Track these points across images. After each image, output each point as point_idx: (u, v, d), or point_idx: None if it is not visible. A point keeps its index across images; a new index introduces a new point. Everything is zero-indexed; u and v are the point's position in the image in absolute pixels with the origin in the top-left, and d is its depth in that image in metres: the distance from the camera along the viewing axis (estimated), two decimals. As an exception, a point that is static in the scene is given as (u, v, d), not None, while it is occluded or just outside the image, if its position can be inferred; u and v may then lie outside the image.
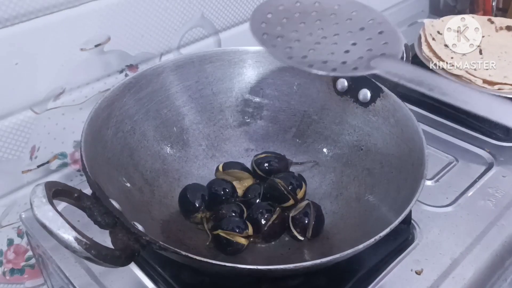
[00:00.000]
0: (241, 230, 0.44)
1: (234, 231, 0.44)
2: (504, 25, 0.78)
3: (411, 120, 0.47)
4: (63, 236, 0.30)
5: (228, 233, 0.44)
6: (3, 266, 0.56)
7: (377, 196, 0.47)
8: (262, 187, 0.50)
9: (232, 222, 0.45)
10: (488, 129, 0.65)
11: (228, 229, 0.44)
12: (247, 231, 0.44)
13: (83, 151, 0.39)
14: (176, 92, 0.54)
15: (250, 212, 0.47)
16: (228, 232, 0.44)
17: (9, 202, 0.53)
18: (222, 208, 0.47)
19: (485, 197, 0.55)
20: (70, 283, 0.46)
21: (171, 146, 0.53)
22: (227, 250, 0.44)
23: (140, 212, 0.45)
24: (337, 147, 0.54)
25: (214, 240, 0.45)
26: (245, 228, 0.44)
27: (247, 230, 0.44)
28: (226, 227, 0.44)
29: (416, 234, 0.50)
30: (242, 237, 0.44)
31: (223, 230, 0.44)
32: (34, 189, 0.32)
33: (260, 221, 0.45)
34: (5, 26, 0.46)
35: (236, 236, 0.44)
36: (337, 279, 0.45)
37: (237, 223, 0.45)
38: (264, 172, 0.51)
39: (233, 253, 0.44)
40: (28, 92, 0.50)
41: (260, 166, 0.52)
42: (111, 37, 0.54)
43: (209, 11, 0.62)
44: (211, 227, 0.46)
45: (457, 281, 0.45)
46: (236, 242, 0.44)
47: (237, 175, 0.51)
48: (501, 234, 0.50)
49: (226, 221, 0.45)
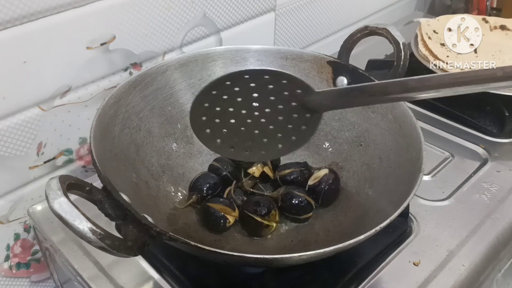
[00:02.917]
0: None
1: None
2: (498, 24, 0.80)
3: (409, 117, 0.48)
4: (79, 227, 0.31)
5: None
6: (10, 260, 0.58)
7: (376, 190, 0.49)
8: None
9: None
10: (483, 126, 0.67)
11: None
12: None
13: (93, 146, 0.41)
14: (180, 89, 0.55)
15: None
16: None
17: (16, 198, 0.54)
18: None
19: (480, 191, 0.56)
20: (78, 275, 0.47)
21: (175, 142, 0.54)
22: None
23: (147, 205, 0.46)
24: (337, 143, 0.55)
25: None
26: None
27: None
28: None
29: (414, 227, 0.52)
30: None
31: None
32: (49, 182, 0.33)
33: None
34: (14, 25, 0.47)
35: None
36: (338, 270, 0.46)
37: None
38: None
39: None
40: (36, 89, 0.51)
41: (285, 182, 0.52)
42: (116, 36, 0.55)
43: (211, 11, 0.64)
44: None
45: (453, 272, 0.47)
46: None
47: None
48: (496, 226, 0.52)
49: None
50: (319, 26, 0.85)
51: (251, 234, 0.48)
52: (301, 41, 0.83)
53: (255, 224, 0.47)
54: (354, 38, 0.56)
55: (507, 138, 0.65)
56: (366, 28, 0.55)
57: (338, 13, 0.87)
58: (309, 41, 0.85)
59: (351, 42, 0.56)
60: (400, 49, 0.52)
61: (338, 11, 0.87)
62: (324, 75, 0.56)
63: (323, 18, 0.85)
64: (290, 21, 0.78)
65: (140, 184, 0.47)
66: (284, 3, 0.74)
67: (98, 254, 0.48)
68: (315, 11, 0.82)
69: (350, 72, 0.54)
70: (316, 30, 0.85)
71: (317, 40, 0.87)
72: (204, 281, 0.46)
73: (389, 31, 0.53)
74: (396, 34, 0.53)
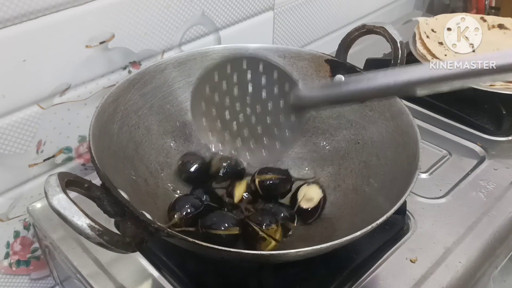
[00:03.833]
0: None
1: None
2: (496, 23, 0.80)
3: (406, 115, 0.49)
4: (77, 223, 0.31)
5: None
6: (9, 257, 0.58)
7: (373, 187, 0.49)
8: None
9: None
10: (480, 124, 0.67)
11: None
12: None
13: (92, 144, 0.41)
14: (179, 87, 0.55)
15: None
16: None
17: (16, 195, 0.55)
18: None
19: (477, 189, 0.57)
20: (78, 272, 0.47)
21: (174, 140, 0.54)
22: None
23: (146, 203, 0.46)
24: (335, 141, 0.56)
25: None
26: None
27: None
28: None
29: (411, 224, 0.52)
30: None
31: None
32: (48, 179, 0.33)
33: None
34: (14, 24, 0.47)
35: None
36: (336, 267, 0.47)
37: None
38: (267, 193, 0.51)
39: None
40: (35, 87, 0.51)
41: (264, 189, 0.50)
42: (115, 35, 0.55)
43: (209, 9, 0.64)
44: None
45: (450, 268, 0.47)
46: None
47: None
48: (492, 224, 0.52)
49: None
50: (317, 25, 0.85)
51: (249, 246, 0.45)
52: (300, 40, 0.83)
53: (253, 232, 0.44)
54: (352, 36, 0.56)
55: (504, 136, 0.66)
56: (364, 26, 0.55)
57: (336, 12, 0.88)
58: (308, 40, 0.85)
59: (349, 40, 0.57)
60: (398, 48, 0.53)
61: (336, 10, 0.87)
62: (322, 73, 0.56)
63: (322, 17, 0.85)
64: (289, 20, 0.78)
65: (138, 182, 0.48)
66: (282, 2, 0.75)
67: (97, 251, 0.48)
68: (314, 10, 0.82)
69: (348, 70, 0.54)
70: (314, 29, 0.85)
71: (316, 39, 0.87)
72: (202, 278, 0.46)
73: (386, 29, 0.53)
74: (393, 33, 0.53)
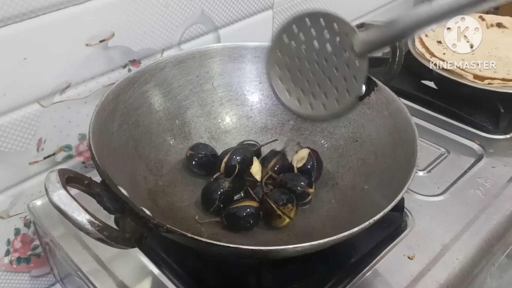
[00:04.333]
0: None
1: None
2: (495, 22, 0.80)
3: (404, 112, 0.49)
4: (78, 219, 0.32)
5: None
6: (10, 255, 0.58)
7: (371, 184, 0.49)
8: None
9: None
10: (478, 122, 0.68)
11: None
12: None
13: (92, 141, 0.41)
14: (178, 86, 0.56)
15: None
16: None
17: (16, 193, 0.55)
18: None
19: (475, 187, 0.57)
20: (78, 270, 0.48)
21: (173, 138, 0.55)
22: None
23: (145, 199, 0.47)
24: (333, 139, 0.56)
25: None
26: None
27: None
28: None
29: (409, 222, 0.52)
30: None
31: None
32: (48, 175, 0.33)
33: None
34: (14, 22, 0.47)
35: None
36: (334, 264, 0.47)
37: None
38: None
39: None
40: (35, 86, 0.52)
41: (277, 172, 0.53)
42: (115, 33, 0.56)
43: (209, 8, 0.64)
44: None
45: (447, 265, 0.47)
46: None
47: None
48: (490, 221, 0.53)
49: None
50: (317, 24, 0.85)
51: (266, 222, 0.49)
52: (299, 39, 0.84)
53: (270, 209, 0.47)
54: (350, 35, 0.57)
55: (502, 134, 0.66)
56: (362, 25, 0.56)
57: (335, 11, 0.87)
58: (307, 39, 0.85)
59: (347, 39, 0.57)
60: (396, 46, 0.53)
61: (335, 9, 0.88)
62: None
63: (321, 16, 0.85)
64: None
65: (138, 179, 0.48)
66: (281, 0, 0.75)
67: (97, 248, 0.49)
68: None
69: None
70: (314, 28, 0.85)
71: (315, 38, 0.87)
72: (201, 274, 0.46)
73: (384, 28, 0.54)
74: (392, 31, 0.53)
